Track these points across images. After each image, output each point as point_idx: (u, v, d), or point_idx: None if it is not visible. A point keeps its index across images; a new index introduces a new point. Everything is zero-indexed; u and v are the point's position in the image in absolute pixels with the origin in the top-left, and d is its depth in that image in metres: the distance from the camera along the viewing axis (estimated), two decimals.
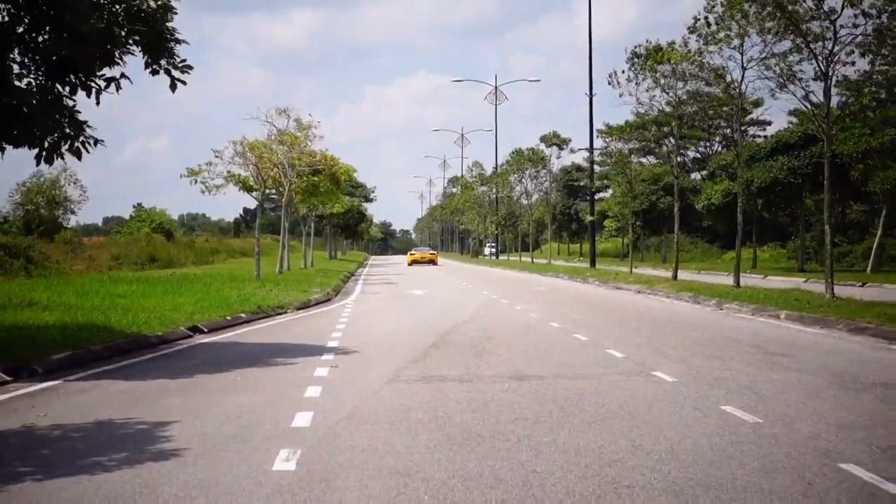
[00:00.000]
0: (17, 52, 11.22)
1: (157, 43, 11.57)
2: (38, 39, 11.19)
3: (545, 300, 24.44)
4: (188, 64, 11.84)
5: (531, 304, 22.78)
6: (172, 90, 11.89)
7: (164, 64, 11.72)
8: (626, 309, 20.96)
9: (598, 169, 63.15)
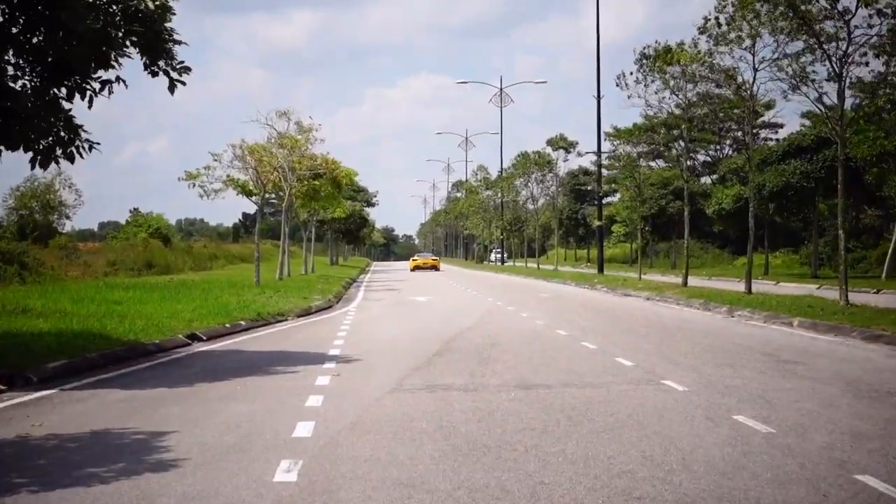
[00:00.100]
0: (11, 53, 11.25)
1: (155, 44, 11.60)
2: (32, 40, 11.22)
3: (552, 307, 24.43)
4: (186, 66, 11.87)
5: (537, 310, 22.78)
6: (171, 92, 11.92)
7: (162, 65, 11.76)
8: (634, 316, 20.95)
9: (605, 173, 63.27)
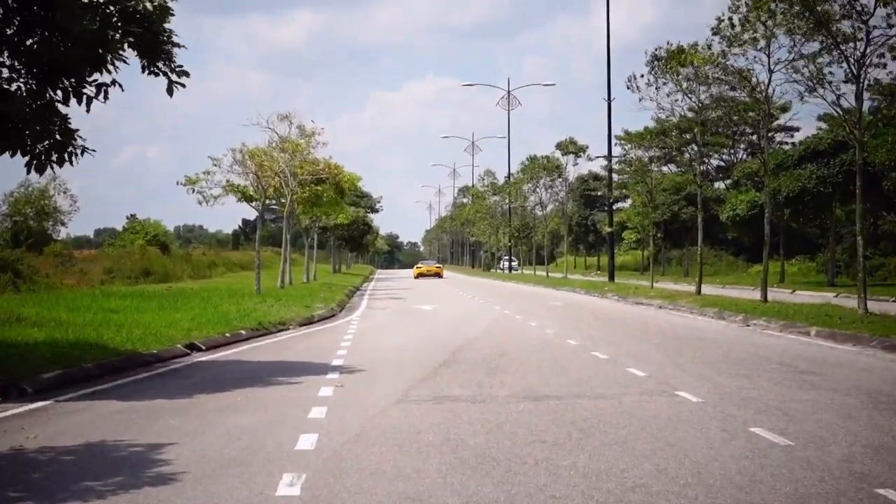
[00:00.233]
0: (6, 55, 11.29)
1: (153, 45, 11.63)
2: (27, 42, 11.25)
3: (561, 315, 24.41)
4: (184, 70, 11.92)
5: (546, 319, 22.76)
6: (170, 94, 11.96)
7: (161, 67, 11.79)
8: (647, 325, 20.92)
9: (616, 178, 63.11)
